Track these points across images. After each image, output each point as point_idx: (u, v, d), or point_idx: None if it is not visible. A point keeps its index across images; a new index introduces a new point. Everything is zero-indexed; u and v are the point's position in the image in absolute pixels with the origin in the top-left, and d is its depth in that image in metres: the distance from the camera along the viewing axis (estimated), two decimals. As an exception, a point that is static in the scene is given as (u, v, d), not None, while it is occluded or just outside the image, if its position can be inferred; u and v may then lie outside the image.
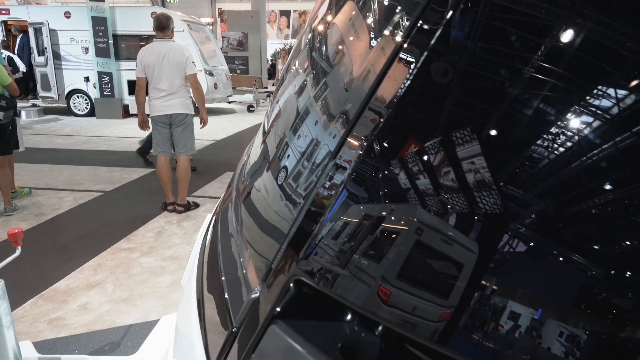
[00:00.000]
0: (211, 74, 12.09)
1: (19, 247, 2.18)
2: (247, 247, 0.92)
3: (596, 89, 0.48)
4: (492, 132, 0.54)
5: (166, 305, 3.32)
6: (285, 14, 31.68)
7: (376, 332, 0.62)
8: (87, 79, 12.23)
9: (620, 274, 0.45)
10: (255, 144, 1.34)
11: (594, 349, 0.45)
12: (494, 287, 0.50)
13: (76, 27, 11.94)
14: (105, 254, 4.12)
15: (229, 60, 17.10)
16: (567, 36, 0.51)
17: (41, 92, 12.50)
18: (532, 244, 0.49)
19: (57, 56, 12.21)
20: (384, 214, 0.60)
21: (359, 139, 0.64)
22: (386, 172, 0.61)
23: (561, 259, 0.48)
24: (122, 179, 6.51)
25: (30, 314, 3.18)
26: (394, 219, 0.59)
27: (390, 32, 0.69)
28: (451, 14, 0.59)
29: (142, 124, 5.03)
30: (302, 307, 0.66)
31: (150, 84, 4.79)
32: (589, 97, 0.49)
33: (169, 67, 4.67)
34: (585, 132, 0.49)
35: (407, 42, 0.62)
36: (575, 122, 0.50)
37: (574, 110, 0.50)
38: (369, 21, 0.80)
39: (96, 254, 4.10)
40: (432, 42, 0.60)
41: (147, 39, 10.59)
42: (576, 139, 0.49)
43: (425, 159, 0.58)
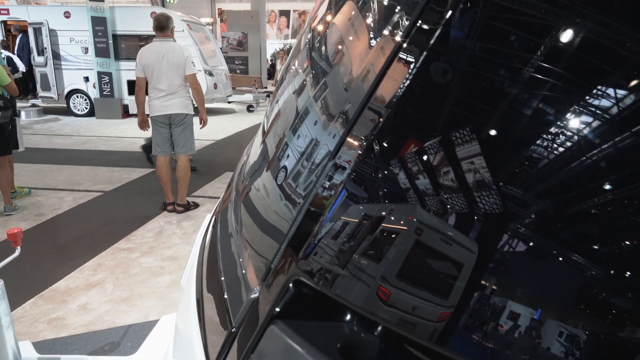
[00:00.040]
0: (211, 74, 12.09)
1: (19, 247, 2.18)
2: (246, 247, 0.92)
3: (595, 89, 0.48)
4: (492, 132, 0.54)
5: (166, 305, 3.31)
6: (285, 14, 31.69)
7: (375, 333, 0.62)
8: (86, 79, 12.23)
9: (619, 274, 0.45)
10: (254, 144, 1.34)
11: (593, 349, 0.45)
12: (494, 287, 0.50)
13: (76, 27, 11.94)
14: (104, 254, 4.12)
15: (229, 60, 17.10)
16: (566, 36, 0.51)
17: (41, 92, 12.50)
18: (531, 243, 0.49)
19: (56, 56, 12.20)
20: (383, 214, 0.60)
21: (358, 139, 0.64)
22: (386, 172, 0.61)
23: (561, 259, 0.48)
24: (121, 179, 6.51)
25: (29, 314, 3.18)
26: (393, 218, 0.59)
27: (389, 32, 0.69)
28: (450, 13, 0.59)
29: (142, 124, 5.03)
30: (301, 307, 0.65)
31: (149, 84, 4.79)
32: (588, 97, 0.49)
33: (168, 67, 4.67)
34: (584, 132, 0.49)
35: (407, 42, 0.62)
36: (574, 122, 0.50)
37: (573, 110, 0.50)
38: (369, 21, 0.80)
39: (96, 254, 4.10)
40: (432, 42, 0.60)
41: (147, 39, 10.59)
42: (575, 139, 0.49)
43: (424, 158, 0.58)
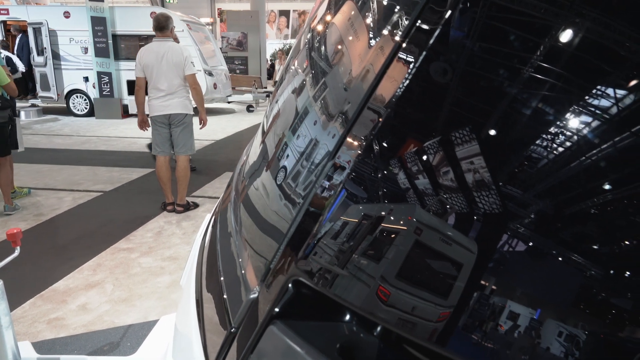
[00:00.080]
0: (210, 74, 12.09)
1: (18, 247, 2.18)
2: (246, 247, 0.92)
3: (595, 88, 0.48)
4: (491, 132, 0.54)
5: (165, 305, 3.31)
6: (284, 14, 31.70)
7: (375, 333, 0.62)
8: (86, 79, 12.22)
9: (618, 274, 0.45)
10: (254, 144, 1.34)
11: (592, 349, 0.45)
12: (493, 287, 0.50)
13: (75, 27, 11.94)
14: (104, 254, 4.12)
15: (229, 60, 17.09)
16: (565, 36, 0.51)
17: (40, 92, 12.50)
18: (531, 243, 0.49)
19: (56, 56, 12.20)
20: (383, 213, 0.60)
21: (358, 139, 0.64)
22: (385, 172, 0.61)
23: (560, 258, 0.48)
24: (121, 179, 6.51)
25: (29, 314, 3.17)
26: (393, 218, 0.59)
27: (389, 32, 0.69)
28: (450, 13, 0.59)
29: (142, 124, 5.03)
30: (300, 308, 0.65)
31: (149, 84, 4.79)
32: (587, 97, 0.49)
33: (167, 67, 4.67)
34: (583, 132, 0.49)
35: (406, 42, 0.62)
36: (573, 122, 0.50)
37: (572, 110, 0.50)
38: (368, 21, 0.80)
39: (95, 254, 4.10)
40: (431, 41, 0.60)
41: (147, 39, 10.59)
42: (575, 138, 0.49)
43: (424, 158, 0.58)
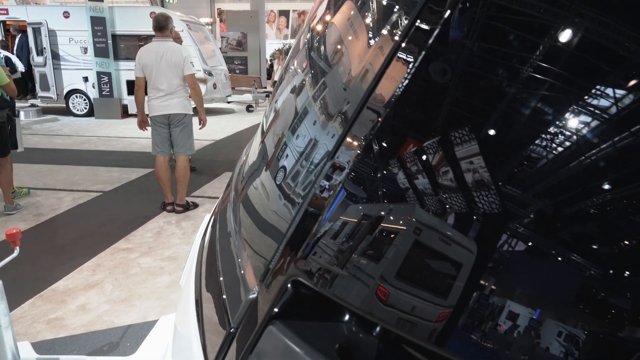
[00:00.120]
0: (210, 74, 12.09)
1: (17, 248, 2.18)
2: (245, 247, 0.92)
3: (594, 88, 0.48)
4: (491, 132, 0.54)
5: (165, 305, 3.31)
6: (284, 14, 31.69)
7: (374, 333, 0.62)
8: (85, 79, 12.22)
9: (618, 274, 0.45)
10: (254, 144, 1.34)
11: (592, 349, 0.45)
12: (493, 287, 0.50)
13: (75, 27, 11.92)
14: (104, 254, 4.12)
15: (228, 60, 17.09)
16: (565, 36, 0.51)
17: (40, 92, 12.49)
18: (530, 243, 0.49)
19: (55, 56, 12.19)
20: (382, 213, 0.60)
21: (357, 139, 0.64)
22: (384, 172, 0.61)
23: (559, 258, 0.48)
24: (120, 179, 6.51)
25: (28, 314, 3.17)
26: (392, 218, 0.58)
27: (388, 32, 0.69)
28: (449, 13, 0.58)
29: (142, 124, 5.04)
30: (300, 308, 0.65)
31: (148, 84, 4.79)
32: (587, 97, 0.49)
33: (167, 67, 4.67)
34: (583, 131, 0.49)
35: (405, 42, 0.62)
36: (573, 122, 0.50)
37: (572, 110, 0.50)
38: (367, 21, 0.80)
39: (95, 254, 4.10)
40: (430, 41, 0.59)
41: (146, 39, 10.58)
42: (574, 138, 0.49)
43: (423, 158, 0.58)
